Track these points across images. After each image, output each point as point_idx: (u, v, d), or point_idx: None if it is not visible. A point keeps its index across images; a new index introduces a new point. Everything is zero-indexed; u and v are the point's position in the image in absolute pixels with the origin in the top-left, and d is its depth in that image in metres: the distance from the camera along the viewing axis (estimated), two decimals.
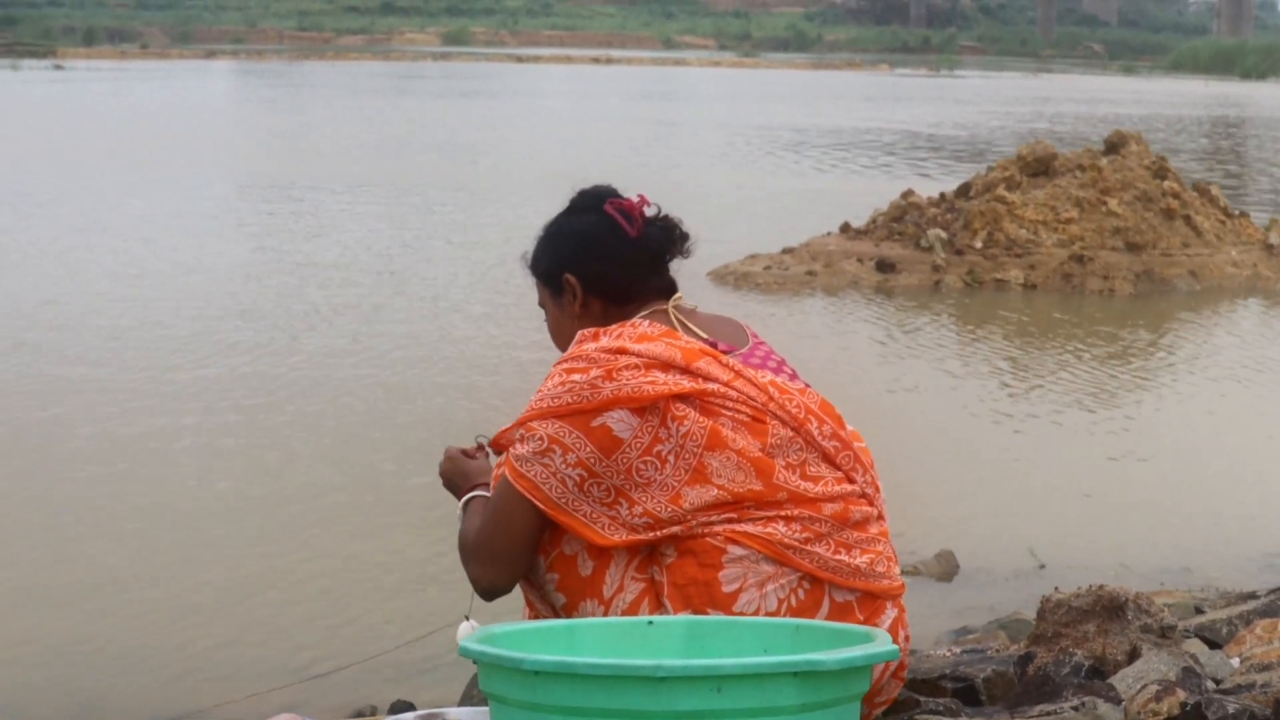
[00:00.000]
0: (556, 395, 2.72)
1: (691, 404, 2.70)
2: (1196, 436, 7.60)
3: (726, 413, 2.72)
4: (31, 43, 64.16)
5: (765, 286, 11.24)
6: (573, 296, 3.01)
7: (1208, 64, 71.94)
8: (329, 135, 24.40)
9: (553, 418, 2.71)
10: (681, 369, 2.73)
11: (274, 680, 4.44)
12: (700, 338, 2.88)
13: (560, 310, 3.05)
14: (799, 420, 2.77)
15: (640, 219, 3.00)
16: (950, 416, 7.79)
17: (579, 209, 3.05)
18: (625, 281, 2.98)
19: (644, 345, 2.75)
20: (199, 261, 11.74)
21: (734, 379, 2.76)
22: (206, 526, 5.80)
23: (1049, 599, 3.35)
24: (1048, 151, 12.86)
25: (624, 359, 2.72)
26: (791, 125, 29.01)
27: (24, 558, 5.46)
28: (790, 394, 2.80)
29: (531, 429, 2.73)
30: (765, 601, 2.68)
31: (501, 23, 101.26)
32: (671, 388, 2.69)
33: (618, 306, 2.98)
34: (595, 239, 2.99)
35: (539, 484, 2.71)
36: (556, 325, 3.06)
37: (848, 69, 67.19)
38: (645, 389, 2.68)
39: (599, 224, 2.99)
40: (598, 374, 2.70)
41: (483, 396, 7.73)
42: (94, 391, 7.62)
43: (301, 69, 54.00)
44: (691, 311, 2.99)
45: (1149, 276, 11.72)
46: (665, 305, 2.97)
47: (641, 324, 2.84)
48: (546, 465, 2.71)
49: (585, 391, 2.70)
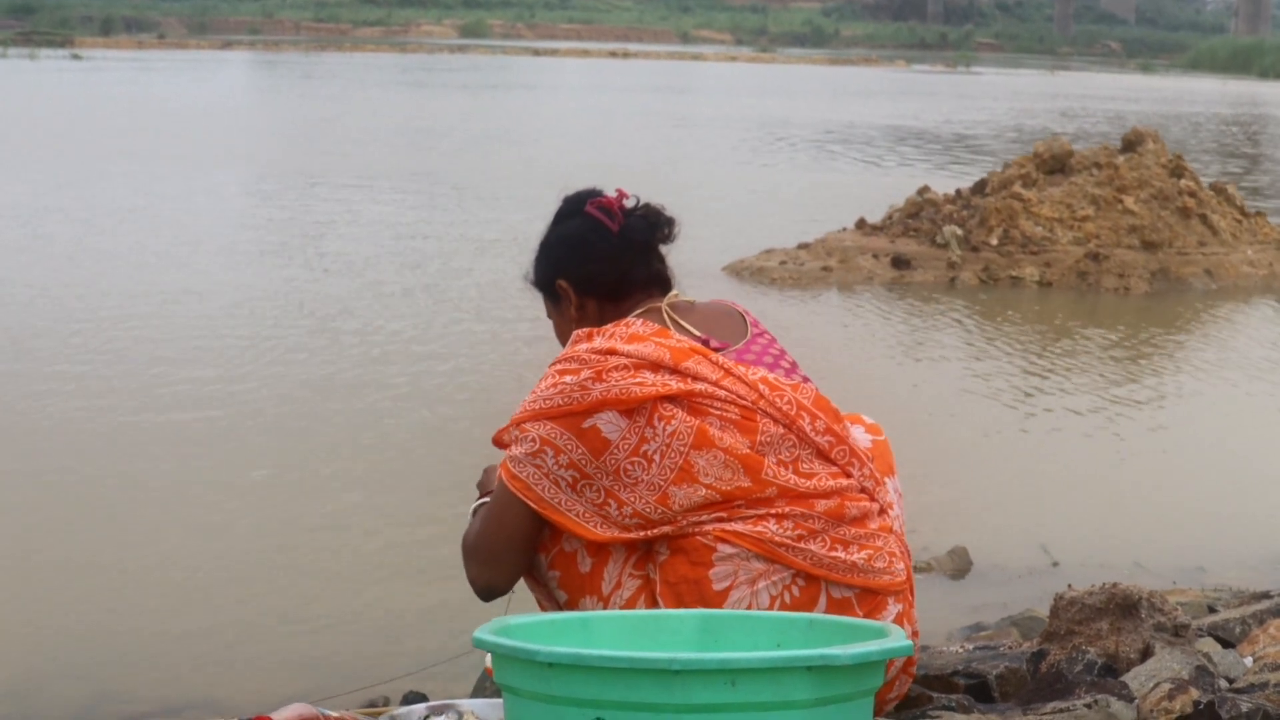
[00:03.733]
0: (548, 397, 2.76)
1: (679, 404, 2.73)
2: (1211, 435, 7.58)
3: (714, 411, 2.74)
4: (49, 32, 64.19)
5: (780, 281, 11.23)
6: (569, 301, 3.06)
7: (1225, 63, 71.66)
8: (351, 126, 24.40)
9: (545, 419, 2.76)
10: (670, 369, 2.75)
11: (286, 670, 4.46)
12: (694, 335, 2.90)
13: (561, 316, 3.11)
14: (790, 417, 2.78)
15: (620, 213, 3.05)
16: (964, 413, 7.78)
17: (563, 216, 3.11)
18: (615, 276, 3.02)
19: (634, 346, 2.78)
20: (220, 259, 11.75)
21: (723, 378, 2.78)
22: (223, 515, 5.82)
23: (1062, 596, 3.35)
24: (1064, 149, 12.84)
25: (613, 359, 2.75)
26: (808, 120, 28.97)
27: (37, 544, 5.47)
28: (781, 390, 2.81)
29: (524, 430, 2.78)
30: (757, 599, 2.70)
31: (519, 15, 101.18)
32: (659, 389, 2.71)
33: (613, 303, 3.02)
34: (580, 241, 3.04)
35: (531, 484, 2.76)
36: (560, 332, 3.11)
37: (864, 65, 67.07)
38: (633, 390, 2.71)
39: (583, 226, 3.05)
40: (588, 375, 2.74)
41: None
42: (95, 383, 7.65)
43: (319, 60, 54.01)
44: (688, 308, 3.02)
45: (1165, 275, 11.69)
46: (660, 302, 3.00)
47: (635, 323, 2.87)
48: (539, 466, 2.75)
49: (575, 393, 2.73)
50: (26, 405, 7.18)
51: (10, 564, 5.31)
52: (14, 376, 7.70)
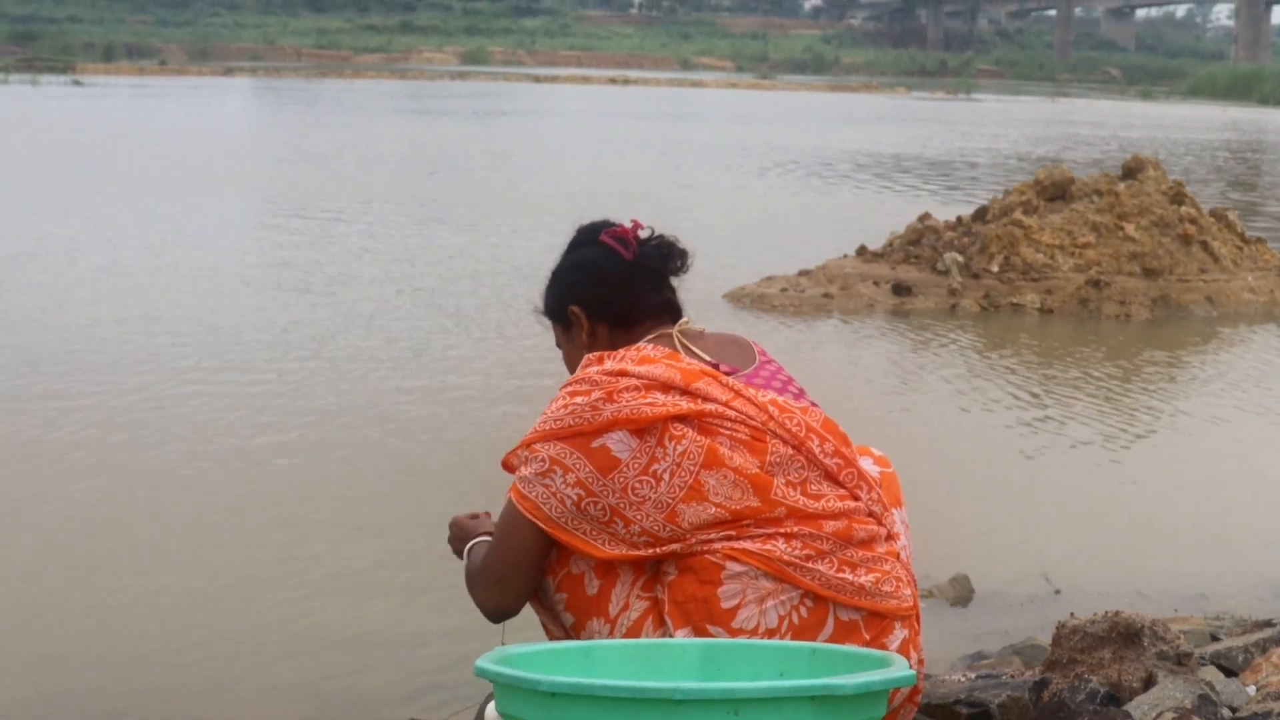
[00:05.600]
0: (559, 418, 2.77)
1: (690, 424, 2.74)
2: (1213, 462, 7.58)
3: (725, 432, 2.75)
4: (51, 58, 64.47)
5: (781, 308, 11.24)
6: (580, 327, 3.08)
7: (1225, 89, 71.88)
8: (357, 153, 24.46)
9: (555, 439, 2.76)
10: (681, 390, 2.76)
11: (291, 694, 4.45)
12: (704, 360, 2.92)
13: (572, 344, 3.13)
14: (799, 438, 2.79)
15: (635, 242, 3.08)
16: (965, 440, 7.78)
17: (577, 244, 3.15)
18: (626, 303, 3.05)
19: (645, 367, 2.79)
20: (225, 284, 11.78)
21: (733, 399, 2.79)
22: (231, 536, 5.82)
23: (1064, 625, 3.35)
24: (1065, 176, 12.86)
25: (625, 381, 2.76)
26: (808, 147, 29.03)
27: (51, 565, 5.47)
28: (791, 412, 2.82)
29: (534, 450, 2.79)
30: (765, 618, 2.70)
31: (519, 42, 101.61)
32: (670, 409, 2.72)
33: (624, 330, 3.05)
34: (594, 267, 3.07)
35: (540, 504, 2.76)
36: (570, 359, 3.13)
37: (865, 91, 67.27)
38: (644, 410, 2.72)
39: (596, 254, 3.08)
40: (599, 396, 2.75)
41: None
42: (103, 408, 7.66)
43: (320, 87, 54.17)
44: (699, 335, 3.04)
45: (1165, 302, 11.70)
46: (671, 329, 3.02)
47: (645, 347, 2.89)
48: (547, 486, 2.76)
49: (586, 413, 2.74)
50: (39, 428, 7.18)
51: (25, 584, 5.31)
52: (28, 399, 7.71)
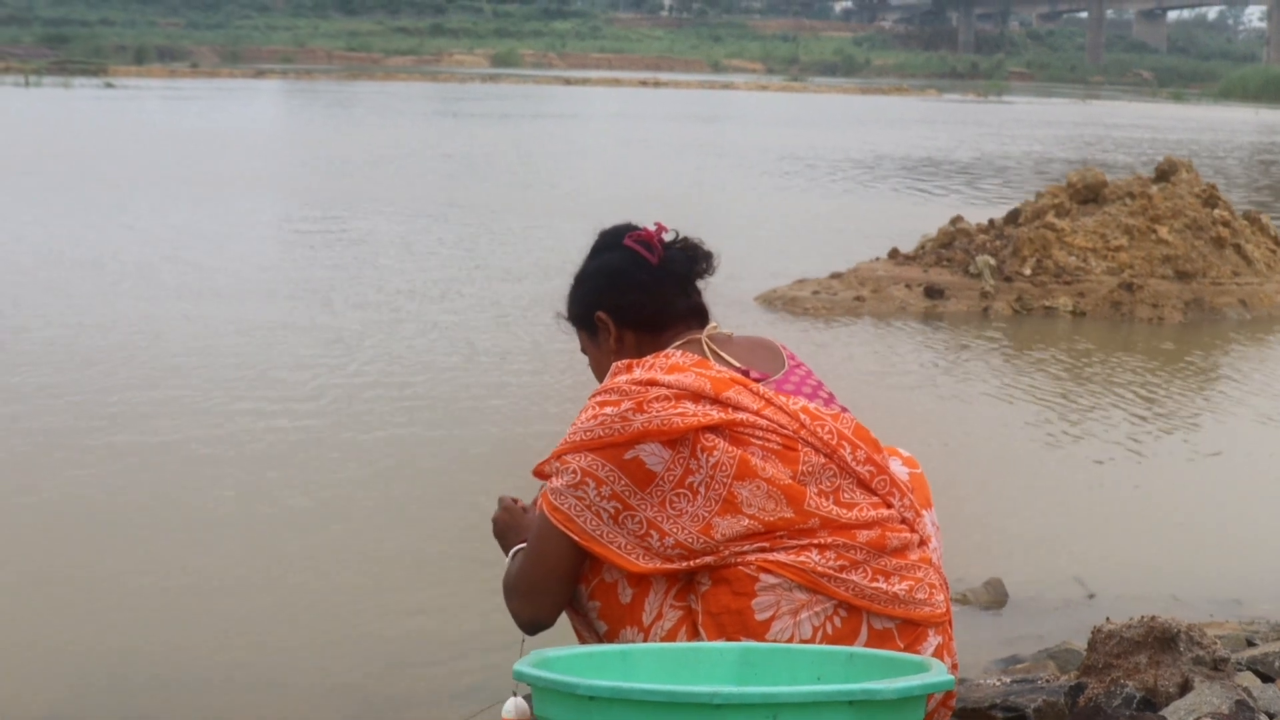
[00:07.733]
0: (589, 428, 2.75)
1: (721, 434, 2.71)
2: (1247, 466, 7.55)
3: (756, 441, 2.73)
4: (83, 61, 64.75)
5: (813, 311, 11.23)
6: (607, 333, 3.05)
7: (1258, 91, 71.55)
8: (391, 156, 24.51)
9: (586, 450, 2.74)
10: (711, 399, 2.74)
11: (317, 698, 4.46)
12: (733, 366, 2.89)
13: (599, 350, 3.10)
14: (831, 446, 2.77)
15: (659, 246, 3.05)
16: (999, 443, 7.76)
17: (601, 249, 3.11)
18: (654, 308, 3.02)
19: (674, 376, 2.76)
20: (261, 284, 11.81)
21: (764, 407, 2.77)
22: (261, 539, 5.83)
23: (1100, 629, 3.34)
24: (1097, 179, 12.81)
25: (655, 390, 2.74)
26: (839, 150, 28.99)
27: (80, 565, 5.49)
28: (822, 420, 2.80)
29: (565, 462, 2.77)
30: (799, 629, 2.68)
31: (550, 45, 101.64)
32: (701, 419, 2.70)
33: (651, 336, 3.02)
34: (620, 273, 3.04)
35: (573, 516, 2.74)
36: (598, 366, 3.10)
37: (896, 94, 67.12)
38: (675, 421, 2.69)
39: (621, 259, 3.05)
40: (629, 406, 2.72)
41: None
42: (135, 410, 7.69)
43: (351, 89, 54.28)
44: (727, 339, 3.01)
45: (1199, 305, 11.65)
46: (699, 334, 3.00)
47: (674, 354, 2.86)
48: (580, 498, 2.74)
49: (617, 424, 2.72)
50: (71, 430, 7.22)
51: (53, 585, 5.33)
52: (59, 400, 7.74)
